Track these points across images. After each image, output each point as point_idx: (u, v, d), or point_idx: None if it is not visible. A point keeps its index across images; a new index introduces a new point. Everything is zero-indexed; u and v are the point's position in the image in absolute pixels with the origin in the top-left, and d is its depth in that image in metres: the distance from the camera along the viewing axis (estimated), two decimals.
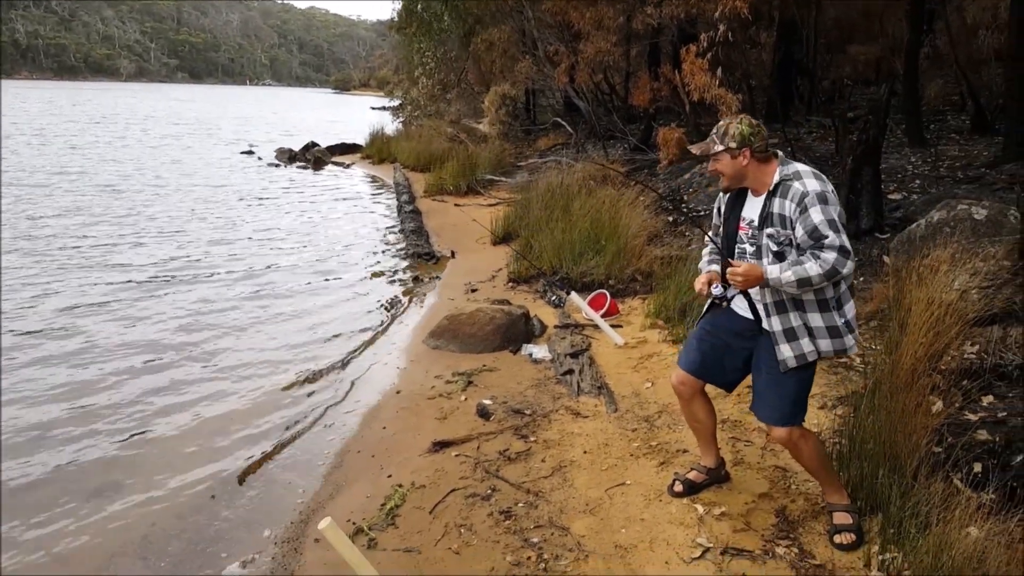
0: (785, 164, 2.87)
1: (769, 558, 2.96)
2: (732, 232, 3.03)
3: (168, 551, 3.37)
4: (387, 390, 5.06)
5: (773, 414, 2.97)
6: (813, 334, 2.86)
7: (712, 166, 2.97)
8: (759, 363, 3.02)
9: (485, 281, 7.66)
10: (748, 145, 2.84)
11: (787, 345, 2.86)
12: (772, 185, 2.83)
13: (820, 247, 2.71)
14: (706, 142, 2.95)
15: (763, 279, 2.77)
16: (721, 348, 3.14)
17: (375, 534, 3.27)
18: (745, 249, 2.97)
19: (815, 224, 2.71)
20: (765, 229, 2.85)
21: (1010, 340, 3.99)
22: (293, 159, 20.71)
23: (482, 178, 13.51)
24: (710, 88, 7.48)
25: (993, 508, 2.69)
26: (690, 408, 3.35)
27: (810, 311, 2.85)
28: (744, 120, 2.90)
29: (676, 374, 3.31)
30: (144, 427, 4.61)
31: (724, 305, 3.09)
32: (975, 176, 7.03)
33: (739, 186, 2.97)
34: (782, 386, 2.93)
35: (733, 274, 2.80)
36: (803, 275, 2.70)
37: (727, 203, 3.09)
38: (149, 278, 7.98)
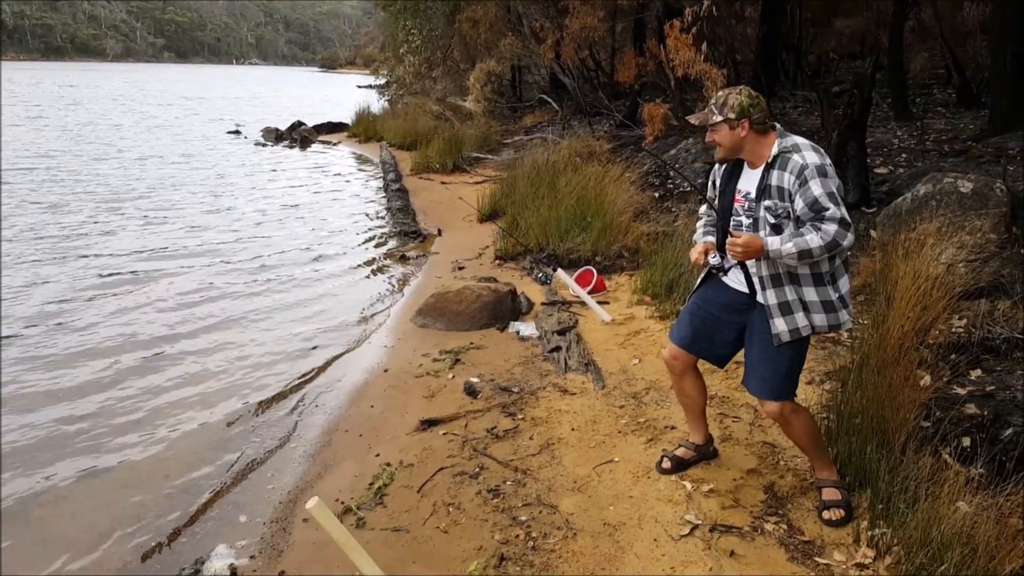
0: (783, 137, 2.84)
1: (758, 534, 2.96)
2: (728, 204, 2.99)
3: (155, 531, 3.34)
4: (374, 369, 5.03)
5: (765, 388, 2.95)
6: (808, 308, 2.84)
7: (710, 136, 2.93)
8: (752, 337, 3.00)
9: (472, 259, 7.62)
10: (747, 116, 2.80)
11: (782, 319, 2.84)
12: (770, 157, 2.80)
13: (821, 219, 2.69)
14: (704, 112, 2.91)
15: (763, 251, 2.74)
16: (713, 322, 3.13)
17: (363, 513, 3.25)
18: (741, 221, 2.94)
19: (815, 196, 2.68)
20: (763, 201, 2.82)
21: (997, 313, 4.00)
22: (280, 138, 20.51)
23: (468, 156, 13.41)
24: (695, 63, 7.42)
25: (982, 482, 2.69)
26: (681, 383, 3.34)
27: (805, 285, 2.83)
28: (744, 91, 2.86)
29: (668, 349, 3.30)
30: (127, 411, 4.56)
31: (720, 276, 3.07)
32: (961, 149, 7.02)
33: (735, 157, 2.93)
34: (775, 360, 2.91)
35: (733, 245, 2.77)
36: (804, 247, 2.68)
37: (723, 175, 3.06)
38: (129, 260, 7.88)
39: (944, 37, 9.89)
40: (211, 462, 3.95)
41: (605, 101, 13.75)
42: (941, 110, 9.47)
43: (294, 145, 19.51)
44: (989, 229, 4.54)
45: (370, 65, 40.91)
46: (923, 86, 11.30)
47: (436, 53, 19.64)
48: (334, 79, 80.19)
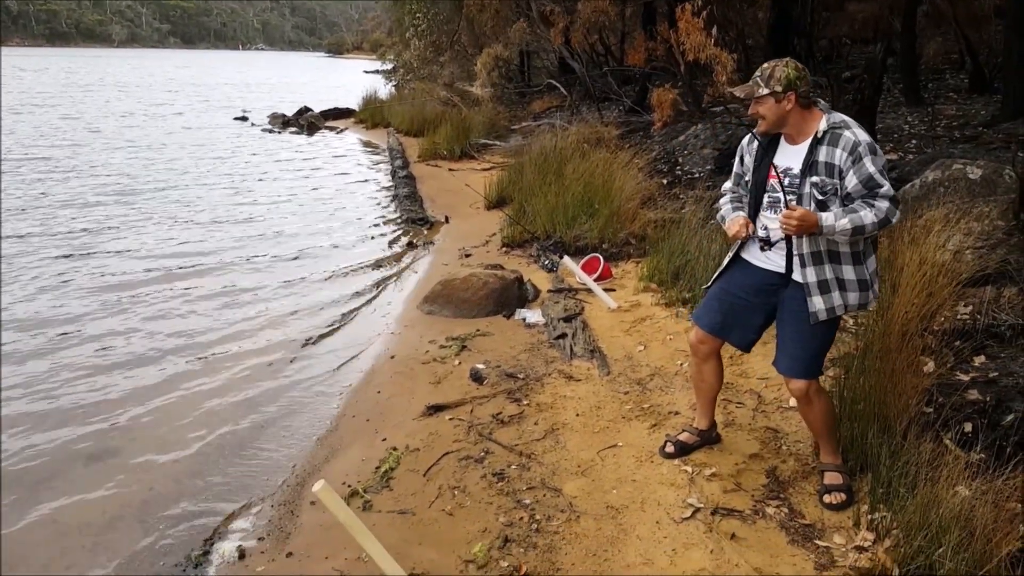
0: (830, 113, 2.81)
1: (759, 518, 2.99)
2: (761, 180, 2.95)
3: (165, 515, 3.40)
4: (381, 355, 5.07)
5: (796, 365, 2.95)
6: (844, 287, 2.84)
7: (753, 108, 2.87)
8: (785, 316, 2.98)
9: (479, 246, 7.64)
10: (794, 89, 2.76)
11: (820, 297, 2.83)
12: (820, 133, 2.76)
13: (874, 196, 2.69)
14: (750, 84, 2.85)
15: (817, 226, 2.71)
16: (741, 307, 3.11)
17: (370, 496, 3.29)
18: (778, 198, 2.89)
19: (870, 173, 2.68)
20: (809, 177, 2.78)
21: (1003, 300, 4.00)
22: (287, 124, 20.51)
23: (476, 142, 13.39)
24: (705, 48, 7.38)
25: (981, 467, 2.70)
26: (702, 368, 3.34)
27: (844, 263, 2.83)
28: (791, 64, 2.80)
29: (695, 333, 3.28)
30: (139, 394, 4.62)
31: (762, 251, 2.99)
32: (972, 135, 6.98)
33: (777, 131, 2.89)
34: (808, 339, 2.91)
35: (789, 218, 2.71)
36: (859, 223, 2.66)
37: (756, 151, 3.00)
38: (138, 243, 7.95)
39: (958, 22, 9.81)
40: (219, 446, 4.01)
41: (614, 86, 13.70)
42: (953, 96, 9.41)
43: (301, 131, 19.52)
44: (997, 216, 4.53)
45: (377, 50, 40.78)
46: (935, 71, 11.22)
47: (443, 38, 19.57)
48: (341, 64, 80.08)
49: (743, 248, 3.10)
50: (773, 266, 2.98)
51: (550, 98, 16.45)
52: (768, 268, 3.00)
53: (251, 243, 8.23)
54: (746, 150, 3.09)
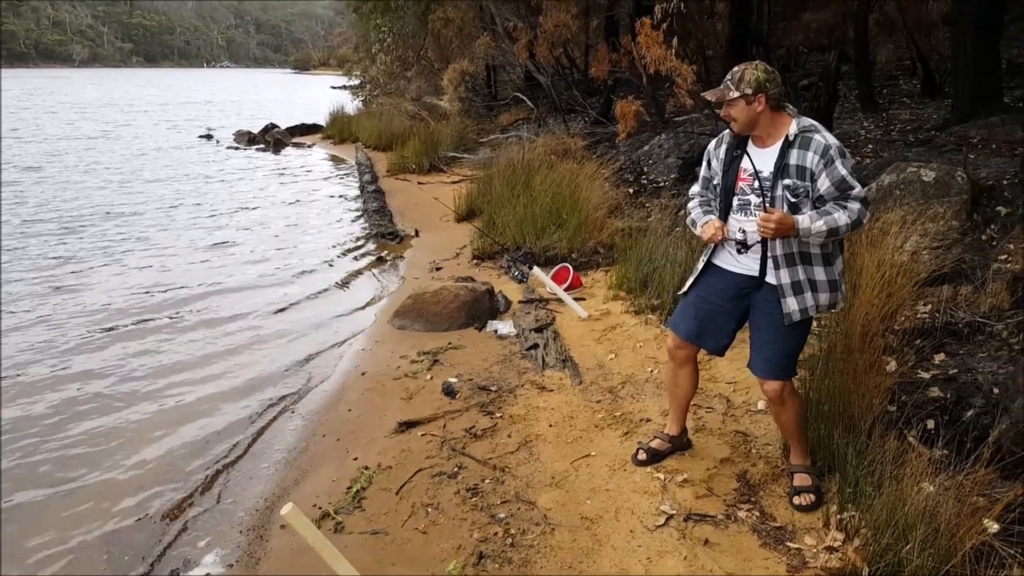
0: (799, 117, 2.86)
1: (731, 522, 3.03)
2: (730, 184, 2.99)
3: (132, 544, 3.34)
4: (352, 372, 5.04)
5: (771, 367, 2.99)
6: (816, 287, 2.89)
7: (725, 111, 2.92)
8: (758, 318, 3.02)
9: (449, 259, 7.65)
10: (763, 91, 2.81)
11: (793, 298, 2.88)
12: (791, 136, 2.81)
13: (846, 198, 2.75)
14: (720, 88, 2.89)
15: (794, 229, 2.75)
16: (715, 313, 3.13)
17: (342, 518, 3.27)
18: (749, 200, 2.93)
19: (842, 176, 2.74)
20: (782, 180, 2.83)
21: (960, 298, 4.09)
22: (252, 141, 20.36)
23: (444, 155, 13.42)
24: (666, 60, 7.47)
25: (944, 463, 2.77)
26: (678, 373, 3.37)
27: (815, 264, 2.88)
28: (760, 66, 2.85)
29: (673, 340, 3.31)
30: (103, 420, 4.55)
31: (742, 253, 3.00)
32: (925, 139, 7.15)
33: (749, 133, 2.93)
34: (782, 340, 2.95)
35: (767, 221, 2.75)
36: (834, 225, 2.72)
37: (725, 154, 3.04)
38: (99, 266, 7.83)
39: (908, 29, 10.05)
40: (187, 471, 3.95)
41: (579, 98, 13.80)
42: (906, 100, 9.63)
43: (267, 148, 19.38)
44: (951, 216, 4.64)
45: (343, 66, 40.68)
46: (889, 77, 11.47)
47: (409, 53, 19.62)
48: (307, 80, 79.68)
49: (715, 254, 3.13)
50: (746, 269, 3.02)
51: (517, 111, 16.53)
52: (741, 272, 3.04)
53: (215, 263, 8.13)
54: (713, 154, 3.13)
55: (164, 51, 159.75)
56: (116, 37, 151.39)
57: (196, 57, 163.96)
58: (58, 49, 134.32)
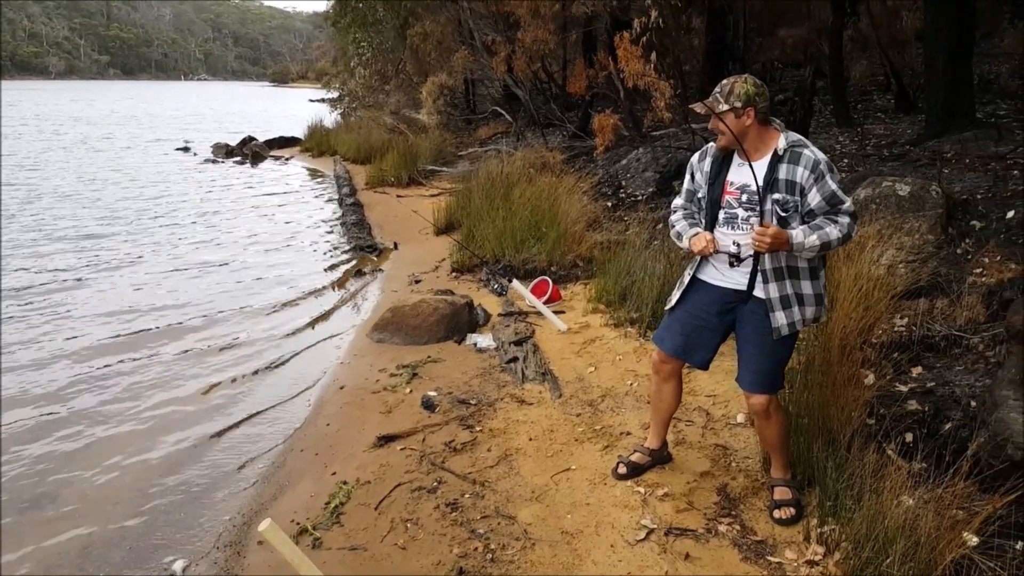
0: (786, 131, 2.86)
1: (712, 536, 3.01)
2: (716, 197, 2.97)
3: (109, 560, 3.28)
4: (330, 386, 4.99)
5: (758, 380, 2.98)
6: (803, 301, 2.90)
7: (714, 123, 2.90)
8: (746, 332, 3.00)
9: (428, 272, 7.62)
10: (753, 105, 2.81)
11: (782, 312, 2.88)
12: (781, 150, 2.81)
13: (836, 212, 2.77)
14: (710, 100, 2.89)
15: (788, 243, 2.75)
16: (701, 328, 3.11)
17: (320, 533, 3.22)
18: (736, 214, 2.92)
19: (833, 190, 2.76)
20: (771, 195, 2.82)
21: (936, 312, 4.13)
22: (230, 154, 20.23)
23: (423, 169, 13.40)
24: (644, 75, 7.53)
25: (923, 476, 2.77)
26: (663, 388, 3.36)
27: (803, 279, 2.89)
28: (749, 80, 2.85)
29: (658, 355, 3.29)
30: (79, 433, 4.47)
31: (734, 266, 2.96)
32: (900, 153, 7.24)
33: (736, 146, 2.91)
34: (770, 354, 2.95)
35: (762, 235, 2.72)
36: (826, 239, 2.73)
37: (711, 167, 3.02)
38: (77, 280, 7.71)
39: (881, 45, 10.20)
40: (163, 487, 3.88)
41: (557, 112, 13.88)
42: (881, 116, 9.76)
43: (245, 161, 19.27)
44: (927, 230, 4.70)
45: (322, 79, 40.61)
46: (863, 92, 11.63)
47: (388, 66, 19.61)
48: (286, 93, 79.46)
49: (699, 268, 3.11)
50: (732, 283, 3.00)
51: (496, 124, 16.58)
52: (726, 286, 3.02)
53: (189, 277, 8.04)
54: (696, 167, 3.11)
55: (141, 63, 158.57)
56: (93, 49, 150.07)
57: (174, 70, 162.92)
58: (34, 61, 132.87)
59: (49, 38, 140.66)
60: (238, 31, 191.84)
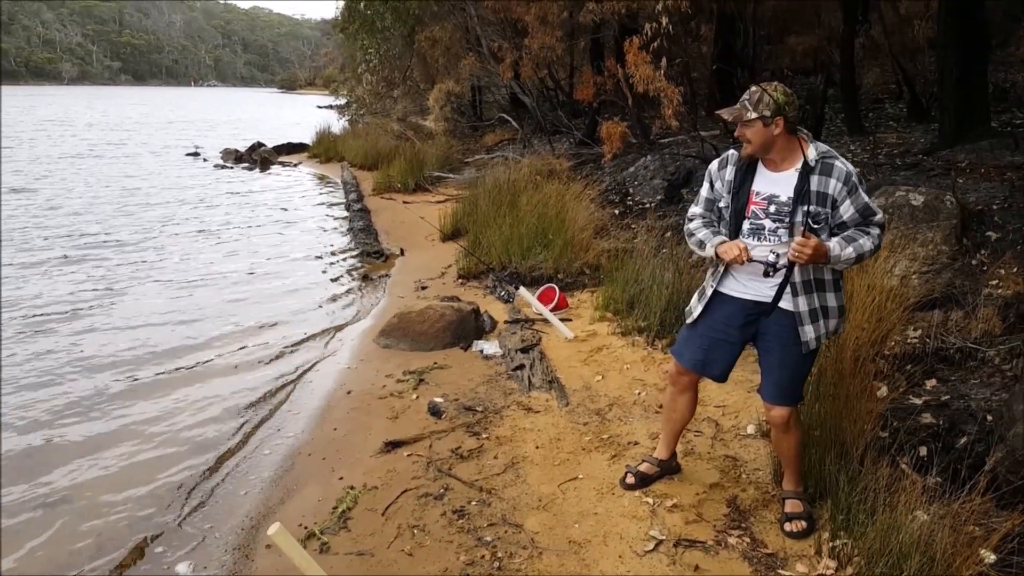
0: (814, 142, 2.80)
1: (721, 548, 2.97)
2: (741, 207, 2.89)
3: (114, 561, 3.26)
4: (337, 391, 4.96)
5: (781, 393, 2.93)
6: (827, 314, 2.86)
7: (740, 131, 2.83)
8: (770, 344, 2.93)
9: (435, 278, 7.59)
10: (782, 114, 2.72)
11: (811, 326, 2.83)
12: (812, 161, 2.74)
13: (868, 224, 2.74)
14: (737, 107, 2.80)
15: (827, 256, 2.69)
16: (721, 342, 3.05)
17: (327, 538, 3.19)
18: (763, 225, 2.84)
19: (866, 202, 2.73)
20: (802, 207, 2.75)
21: (951, 324, 4.08)
22: (239, 160, 20.26)
23: (430, 175, 13.40)
24: (654, 80, 7.50)
25: (938, 491, 2.73)
26: (678, 399, 3.30)
27: (828, 291, 2.85)
28: (779, 88, 2.77)
29: (676, 367, 3.23)
30: (89, 434, 4.47)
31: (771, 274, 2.82)
32: (913, 163, 7.19)
33: (762, 155, 2.85)
34: (796, 367, 2.91)
35: (804, 247, 2.64)
36: (861, 251, 2.70)
37: (735, 176, 2.93)
38: (88, 286, 7.72)
39: (893, 53, 10.16)
40: (171, 489, 3.86)
41: (564, 119, 13.87)
42: (893, 124, 9.71)
43: (254, 166, 19.29)
44: (940, 241, 4.65)
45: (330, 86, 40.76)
46: (875, 101, 11.58)
47: (395, 73, 19.64)
48: (294, 100, 79.73)
49: (721, 282, 3.03)
50: (755, 295, 2.93)
51: (502, 131, 16.58)
52: (749, 298, 2.95)
53: (198, 282, 8.04)
54: (716, 175, 3.02)
55: (152, 70, 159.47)
56: (105, 55, 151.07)
57: (184, 76, 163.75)
58: (48, 67, 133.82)
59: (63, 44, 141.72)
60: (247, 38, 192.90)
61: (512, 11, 11.92)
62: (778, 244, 2.82)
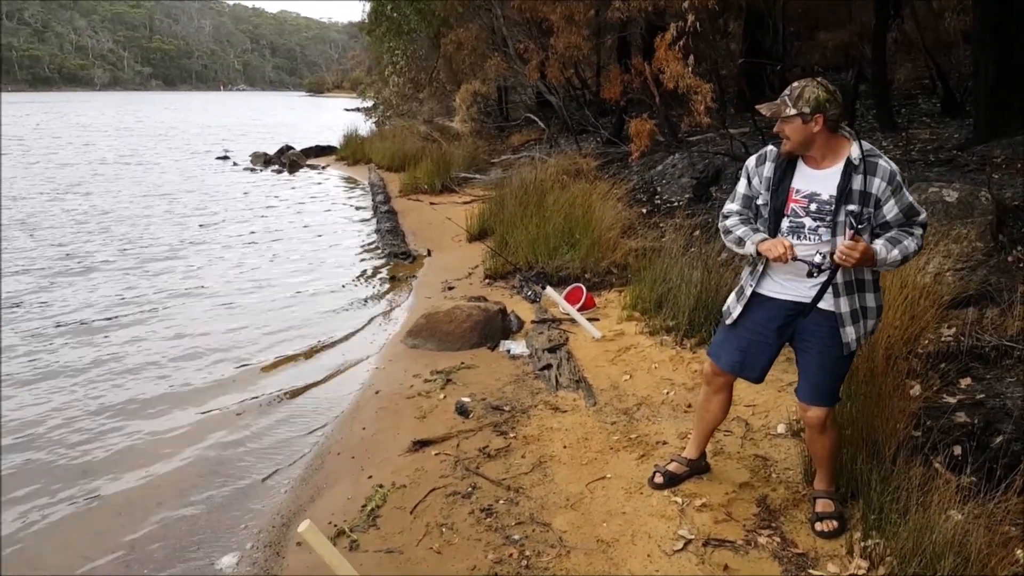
0: (857, 140, 2.73)
1: (751, 548, 2.94)
2: (780, 205, 2.82)
3: (151, 557, 3.33)
4: (366, 390, 5.01)
5: (819, 394, 2.88)
6: (867, 315, 2.82)
7: (779, 127, 2.77)
8: (809, 344, 2.88)
9: (462, 278, 7.61)
10: (823, 112, 2.66)
11: (852, 327, 2.78)
12: (856, 160, 2.68)
13: (911, 224, 2.69)
14: (777, 103, 2.75)
15: (874, 259, 2.64)
16: (758, 344, 3.00)
17: (357, 536, 3.22)
18: (803, 223, 2.78)
19: (911, 202, 2.69)
20: (845, 206, 2.69)
21: (986, 321, 4.01)
22: (268, 163, 20.49)
23: (456, 176, 13.44)
24: (684, 77, 7.45)
25: (973, 490, 2.68)
26: (712, 400, 3.28)
27: (867, 291, 2.81)
28: (821, 84, 2.70)
29: (712, 367, 3.19)
30: (125, 432, 4.55)
31: (815, 275, 2.76)
32: (947, 159, 7.06)
33: (802, 153, 2.78)
34: (835, 367, 2.87)
35: (853, 250, 2.57)
36: (906, 252, 2.66)
37: (774, 173, 2.86)
38: (120, 289, 7.86)
39: (926, 48, 10.00)
40: (203, 488, 3.93)
41: (591, 118, 13.84)
42: (926, 120, 9.54)
43: (283, 169, 19.50)
44: (975, 237, 4.57)
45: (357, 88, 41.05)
46: (908, 96, 11.40)
47: (422, 75, 19.74)
48: (322, 103, 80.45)
49: (760, 283, 2.97)
50: (793, 295, 2.88)
51: (528, 131, 16.58)
52: (787, 299, 2.90)
53: (228, 281, 8.15)
54: (754, 171, 2.96)
55: (182, 74, 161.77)
56: (136, 61, 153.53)
57: (213, 80, 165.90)
58: (80, 73, 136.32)
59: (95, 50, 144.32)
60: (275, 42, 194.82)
61: (538, 10, 11.91)
62: (820, 243, 2.76)
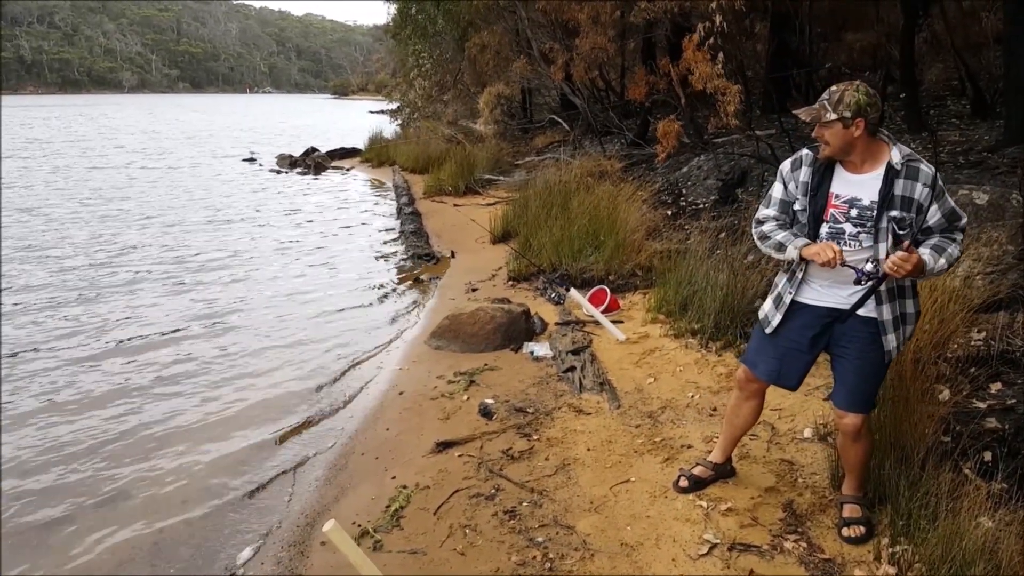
0: (897, 144, 2.69)
1: (777, 553, 2.92)
2: (819, 210, 2.78)
3: (177, 557, 3.37)
4: (389, 391, 5.03)
5: (856, 401, 2.84)
6: (906, 321, 2.79)
7: (818, 132, 2.72)
8: (847, 351, 2.84)
9: (485, 280, 7.63)
10: (863, 116, 2.60)
11: (893, 335, 2.76)
12: (898, 164, 2.63)
13: (953, 229, 2.66)
14: (816, 107, 2.70)
15: (922, 270, 2.58)
16: (796, 352, 2.97)
17: (380, 536, 3.24)
18: (843, 229, 2.73)
19: (952, 207, 2.66)
20: (888, 212, 2.65)
21: (1017, 326, 3.95)
22: (294, 165, 20.68)
23: (480, 178, 13.46)
24: (712, 78, 7.41)
25: (1004, 497, 2.64)
26: (743, 405, 3.25)
27: (908, 297, 2.79)
28: (861, 88, 2.64)
29: (746, 373, 3.17)
30: (148, 435, 4.60)
31: (864, 283, 2.66)
32: (977, 161, 6.95)
33: (841, 158, 2.73)
34: (870, 374, 2.83)
35: (904, 260, 2.52)
36: (951, 260, 2.63)
37: (812, 177, 2.81)
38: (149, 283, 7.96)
39: (956, 48, 9.85)
40: (229, 488, 3.97)
41: (616, 120, 13.80)
42: (956, 121, 9.40)
43: (308, 171, 19.66)
44: (1006, 240, 4.50)
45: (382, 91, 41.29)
46: (937, 97, 11.23)
47: (446, 77, 19.80)
48: (346, 105, 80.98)
49: (799, 290, 2.92)
50: (832, 302, 2.84)
51: (553, 133, 16.56)
52: (826, 305, 2.86)
53: (254, 282, 8.24)
54: (789, 176, 2.91)
55: (209, 77, 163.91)
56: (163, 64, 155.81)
57: (239, 83, 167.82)
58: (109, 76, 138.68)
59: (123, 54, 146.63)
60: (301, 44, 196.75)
61: (563, 12, 11.91)
62: (861, 249, 2.72)
